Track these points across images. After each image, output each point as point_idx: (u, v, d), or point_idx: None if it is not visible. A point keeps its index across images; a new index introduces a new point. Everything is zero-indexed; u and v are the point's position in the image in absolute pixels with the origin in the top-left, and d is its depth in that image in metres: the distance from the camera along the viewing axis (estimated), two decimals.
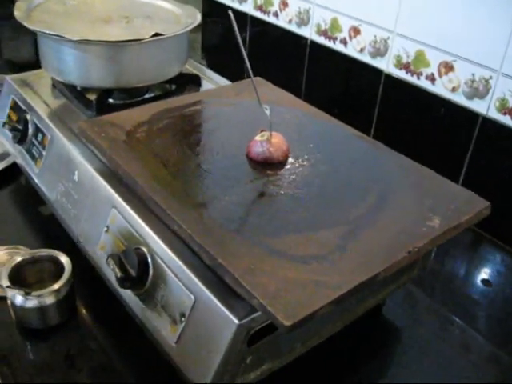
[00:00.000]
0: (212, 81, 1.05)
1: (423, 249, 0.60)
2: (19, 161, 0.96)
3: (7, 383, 0.67)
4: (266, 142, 0.72)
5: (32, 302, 0.72)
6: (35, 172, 0.90)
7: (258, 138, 0.73)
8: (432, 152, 1.01)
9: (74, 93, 0.94)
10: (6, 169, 1.05)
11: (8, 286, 0.72)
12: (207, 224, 0.60)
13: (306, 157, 0.74)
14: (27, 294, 0.72)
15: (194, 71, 1.07)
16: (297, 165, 0.73)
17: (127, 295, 0.68)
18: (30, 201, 0.98)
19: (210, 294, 0.58)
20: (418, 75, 1.02)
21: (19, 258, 0.76)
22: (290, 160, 0.74)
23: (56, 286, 0.73)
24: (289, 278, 0.53)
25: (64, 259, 0.76)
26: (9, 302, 0.74)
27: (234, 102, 0.86)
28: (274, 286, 0.52)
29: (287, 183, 0.69)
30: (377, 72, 1.09)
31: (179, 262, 0.61)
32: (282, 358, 0.64)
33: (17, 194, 1.03)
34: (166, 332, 0.62)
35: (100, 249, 0.73)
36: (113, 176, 0.74)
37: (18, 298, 0.72)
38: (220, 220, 0.61)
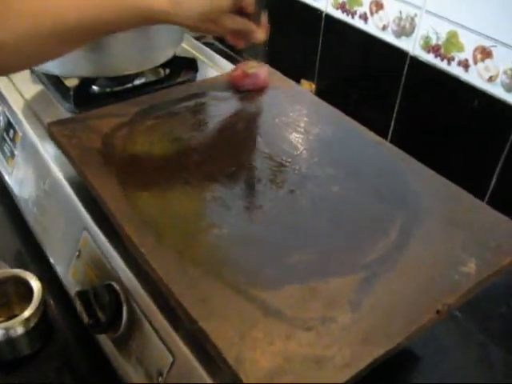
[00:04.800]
0: (214, 65, 0.92)
1: (455, 304, 0.49)
2: None
3: None
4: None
5: None
6: (8, 171, 0.79)
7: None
8: (462, 149, 0.89)
9: (52, 79, 0.82)
10: None
11: None
12: (189, 271, 0.48)
13: (315, 174, 0.62)
14: None
15: (193, 52, 0.94)
16: (304, 183, 0.60)
17: (101, 336, 0.58)
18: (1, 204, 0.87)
19: (190, 356, 0.47)
20: (449, 60, 0.89)
21: None
22: (296, 176, 0.62)
23: (25, 315, 0.64)
24: (286, 351, 0.42)
25: (34, 283, 0.66)
26: None
27: (231, 97, 0.74)
28: (266, 365, 0.41)
29: (291, 208, 0.57)
30: (401, 53, 0.95)
31: (157, 311, 0.51)
32: None
33: None
34: None
35: (72, 275, 0.63)
36: (87, 190, 0.63)
37: None
38: (206, 265, 0.49)
